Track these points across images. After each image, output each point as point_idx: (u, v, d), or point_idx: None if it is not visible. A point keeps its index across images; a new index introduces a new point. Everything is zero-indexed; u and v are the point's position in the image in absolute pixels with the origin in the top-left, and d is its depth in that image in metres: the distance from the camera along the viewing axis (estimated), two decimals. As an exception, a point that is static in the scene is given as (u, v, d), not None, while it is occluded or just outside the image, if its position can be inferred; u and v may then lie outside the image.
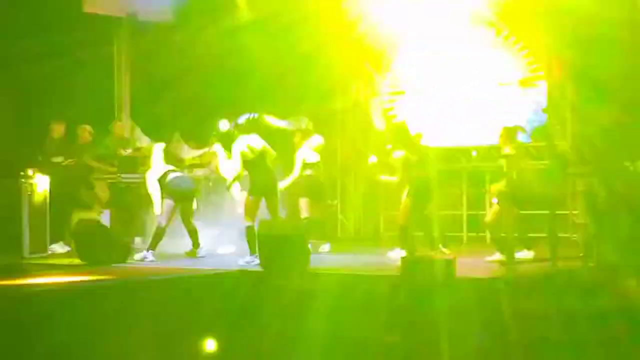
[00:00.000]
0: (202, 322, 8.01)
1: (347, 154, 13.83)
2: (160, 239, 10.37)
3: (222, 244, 10.94)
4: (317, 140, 10.87)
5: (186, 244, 10.74)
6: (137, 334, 7.40)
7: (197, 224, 10.76)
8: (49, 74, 12.10)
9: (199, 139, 12.17)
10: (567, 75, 11.99)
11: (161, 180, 10.46)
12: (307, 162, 10.68)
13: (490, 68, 13.12)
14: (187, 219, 10.62)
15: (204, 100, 12.60)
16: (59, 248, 11.44)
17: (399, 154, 9.58)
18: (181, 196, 10.46)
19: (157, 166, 10.56)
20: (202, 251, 10.59)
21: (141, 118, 12.51)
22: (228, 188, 10.24)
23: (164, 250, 10.59)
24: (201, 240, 10.67)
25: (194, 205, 10.84)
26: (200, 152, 11.77)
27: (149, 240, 10.55)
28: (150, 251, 10.27)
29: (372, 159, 10.65)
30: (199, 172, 11.89)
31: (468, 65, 13.28)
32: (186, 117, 11.64)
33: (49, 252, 11.25)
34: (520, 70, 12.72)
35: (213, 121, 11.64)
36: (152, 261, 10.11)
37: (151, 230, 11.08)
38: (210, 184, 11.84)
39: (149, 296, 7.88)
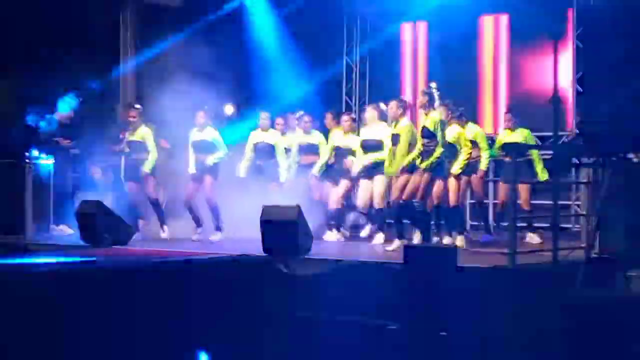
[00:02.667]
0: (201, 305, 8.04)
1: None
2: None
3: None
4: None
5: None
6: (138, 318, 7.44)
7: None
8: (55, 55, 12.10)
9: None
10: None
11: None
12: None
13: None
14: None
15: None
16: (63, 229, 11.47)
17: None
18: None
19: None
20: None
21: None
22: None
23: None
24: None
25: None
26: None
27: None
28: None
29: None
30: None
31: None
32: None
33: (54, 232, 11.30)
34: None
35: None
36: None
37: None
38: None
39: (150, 280, 7.87)
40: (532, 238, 10.32)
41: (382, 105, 10.39)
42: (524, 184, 10.19)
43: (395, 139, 9.44)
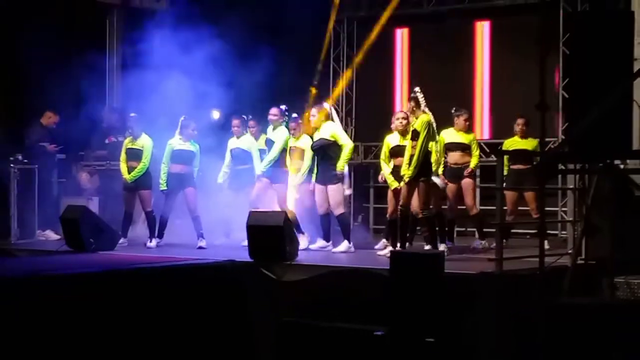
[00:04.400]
0: (190, 312, 8.01)
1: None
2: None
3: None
4: None
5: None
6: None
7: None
8: (41, 60, 12.03)
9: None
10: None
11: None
12: None
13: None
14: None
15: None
16: (48, 234, 11.42)
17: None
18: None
19: None
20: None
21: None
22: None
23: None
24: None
25: None
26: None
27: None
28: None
29: None
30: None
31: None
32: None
33: (39, 238, 11.24)
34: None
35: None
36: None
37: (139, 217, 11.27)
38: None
39: (135, 285, 7.82)
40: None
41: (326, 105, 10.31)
42: (529, 191, 10.22)
43: (412, 135, 9.07)
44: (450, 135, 10.40)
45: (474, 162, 10.32)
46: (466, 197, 10.33)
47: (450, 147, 10.30)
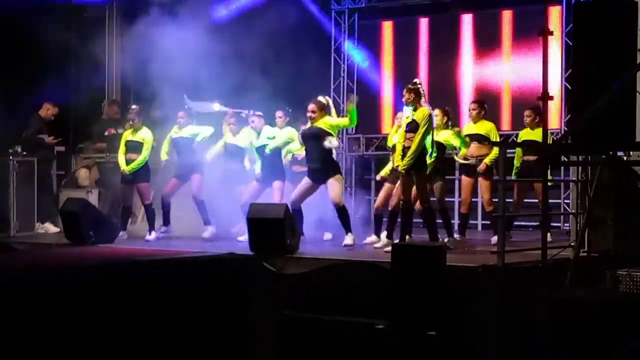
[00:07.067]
0: (190, 305, 7.98)
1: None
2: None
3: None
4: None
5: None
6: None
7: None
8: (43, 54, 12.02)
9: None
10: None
11: None
12: None
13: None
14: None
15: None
16: (48, 227, 11.38)
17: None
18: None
19: None
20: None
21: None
22: None
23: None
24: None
25: None
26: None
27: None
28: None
29: None
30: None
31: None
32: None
33: (38, 230, 11.20)
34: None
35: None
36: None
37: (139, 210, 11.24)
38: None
39: (135, 278, 7.79)
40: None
41: (321, 98, 10.01)
42: (535, 183, 10.12)
43: (410, 127, 8.98)
44: (467, 127, 10.31)
45: (489, 156, 9.94)
46: (484, 193, 10.19)
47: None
